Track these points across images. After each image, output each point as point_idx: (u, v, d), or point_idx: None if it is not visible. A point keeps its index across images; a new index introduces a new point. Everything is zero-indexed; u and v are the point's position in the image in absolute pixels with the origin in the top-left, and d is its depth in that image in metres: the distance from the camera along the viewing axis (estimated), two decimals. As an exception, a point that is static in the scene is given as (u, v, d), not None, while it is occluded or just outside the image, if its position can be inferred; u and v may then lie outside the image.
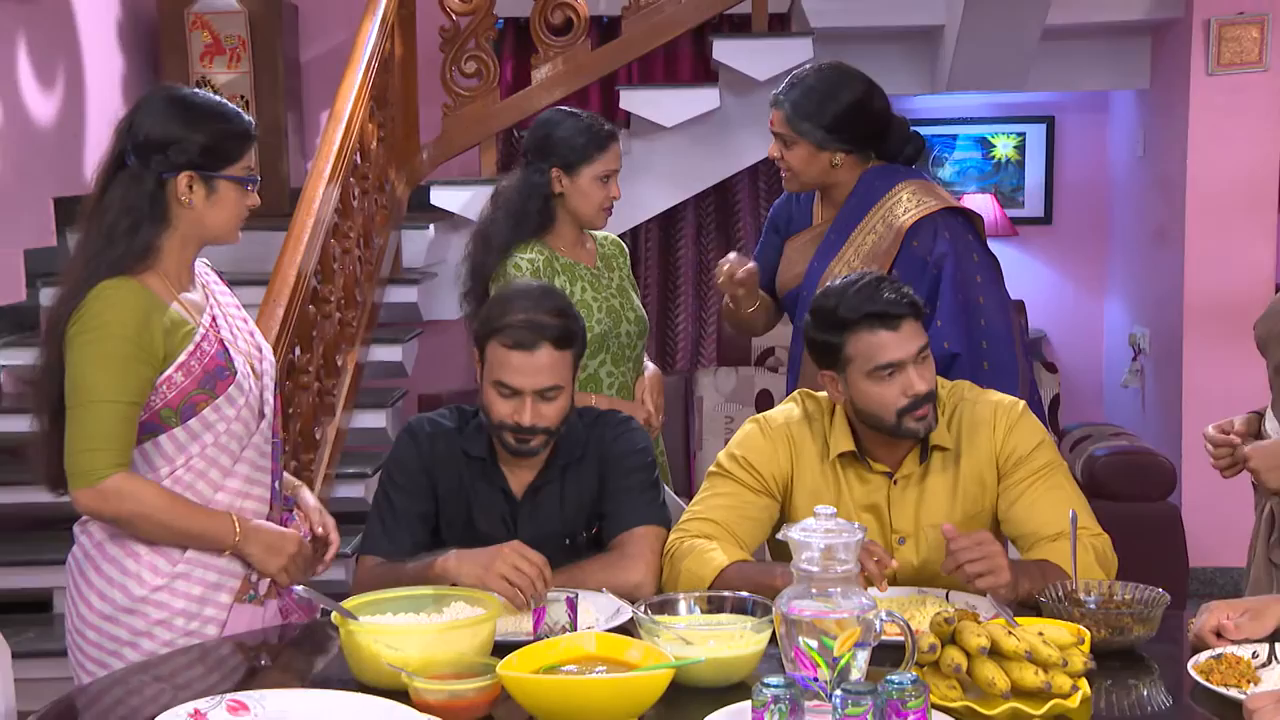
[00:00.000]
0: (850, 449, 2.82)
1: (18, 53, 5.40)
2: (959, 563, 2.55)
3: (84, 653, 2.67)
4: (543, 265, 3.49)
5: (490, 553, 2.60)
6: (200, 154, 2.62)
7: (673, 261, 6.78)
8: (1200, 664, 2.30)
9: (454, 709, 2.14)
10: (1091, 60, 6.22)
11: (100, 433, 2.55)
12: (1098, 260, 7.07)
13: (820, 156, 3.32)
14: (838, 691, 1.99)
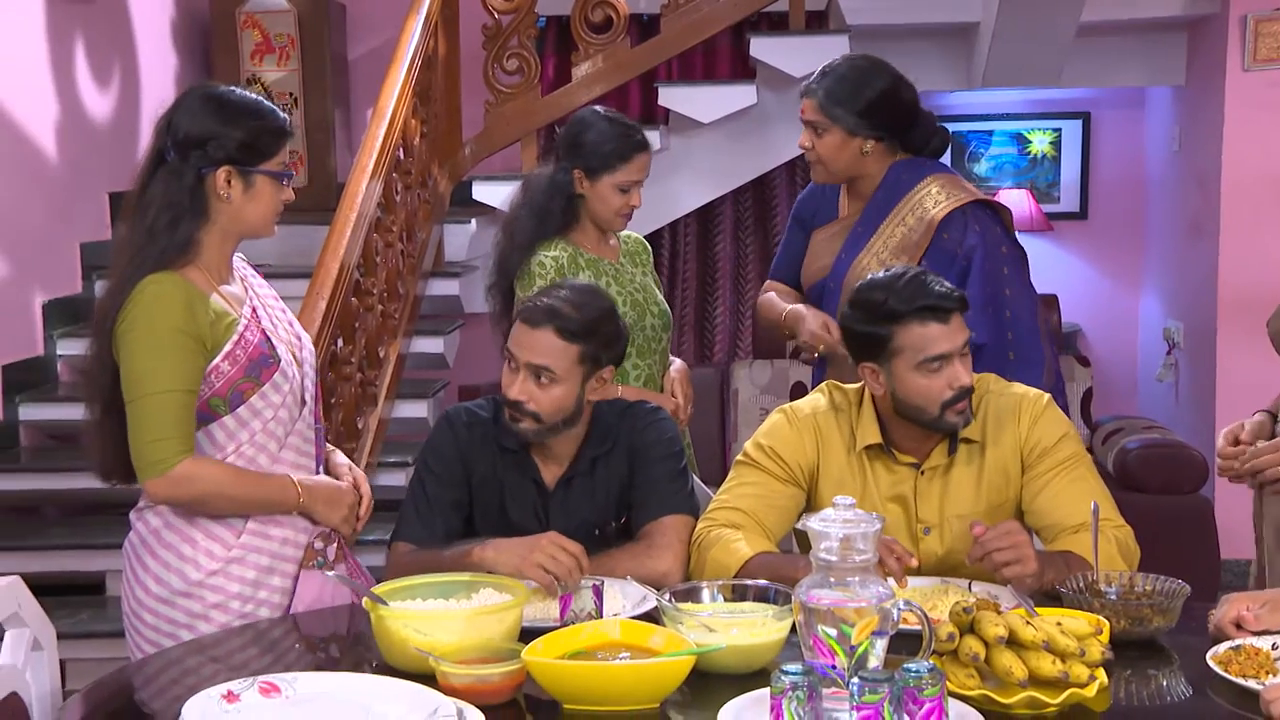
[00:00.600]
0: (877, 441, 2.81)
1: (75, 51, 5.45)
2: (987, 551, 2.54)
3: (141, 634, 2.70)
4: (566, 262, 3.48)
5: (528, 543, 2.62)
6: (238, 149, 2.64)
7: (711, 256, 6.77)
8: (1219, 655, 2.28)
9: (480, 692, 2.14)
10: (1127, 56, 6.17)
11: (164, 422, 2.58)
12: (1133, 255, 7.02)
13: (851, 144, 3.30)
14: (855, 679, 1.99)
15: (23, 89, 5.10)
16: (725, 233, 6.77)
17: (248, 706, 2.06)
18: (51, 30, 5.32)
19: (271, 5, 6.16)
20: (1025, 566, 2.52)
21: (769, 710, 2.01)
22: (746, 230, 6.82)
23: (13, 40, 5.07)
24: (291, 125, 2.78)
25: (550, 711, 2.19)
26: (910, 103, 3.38)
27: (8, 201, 4.94)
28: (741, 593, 2.48)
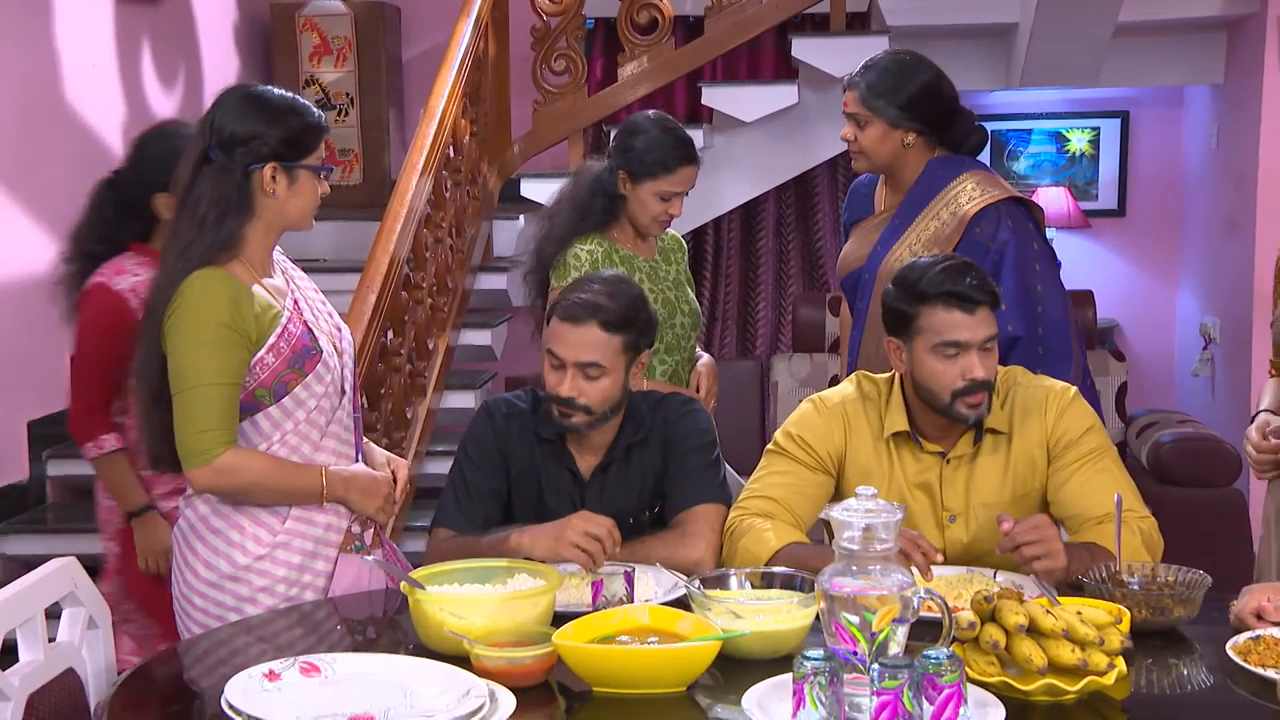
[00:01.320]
0: (904, 429, 2.81)
1: (141, 53, 5.51)
2: (1016, 545, 2.53)
3: (190, 616, 2.73)
4: (601, 257, 3.48)
5: (559, 525, 2.64)
6: (282, 146, 2.66)
7: (753, 252, 6.76)
8: (1239, 645, 2.26)
9: (512, 675, 2.15)
10: (1166, 56, 6.12)
11: (209, 413, 2.61)
12: (1170, 251, 6.96)
13: (893, 135, 3.30)
14: (875, 665, 1.99)
15: (92, 89, 5.16)
16: (768, 229, 6.76)
17: (288, 685, 2.08)
18: (120, 33, 5.38)
19: (329, 9, 6.20)
20: (1055, 560, 2.51)
21: (791, 695, 2.02)
22: (789, 227, 6.81)
23: (83, 42, 5.12)
24: (327, 121, 2.80)
25: (580, 695, 2.19)
26: (950, 98, 3.38)
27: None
28: (768, 580, 2.48)
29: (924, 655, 2.01)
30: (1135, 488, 2.80)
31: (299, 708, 2.01)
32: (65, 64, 5.05)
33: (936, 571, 2.60)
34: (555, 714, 2.16)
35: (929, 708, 1.99)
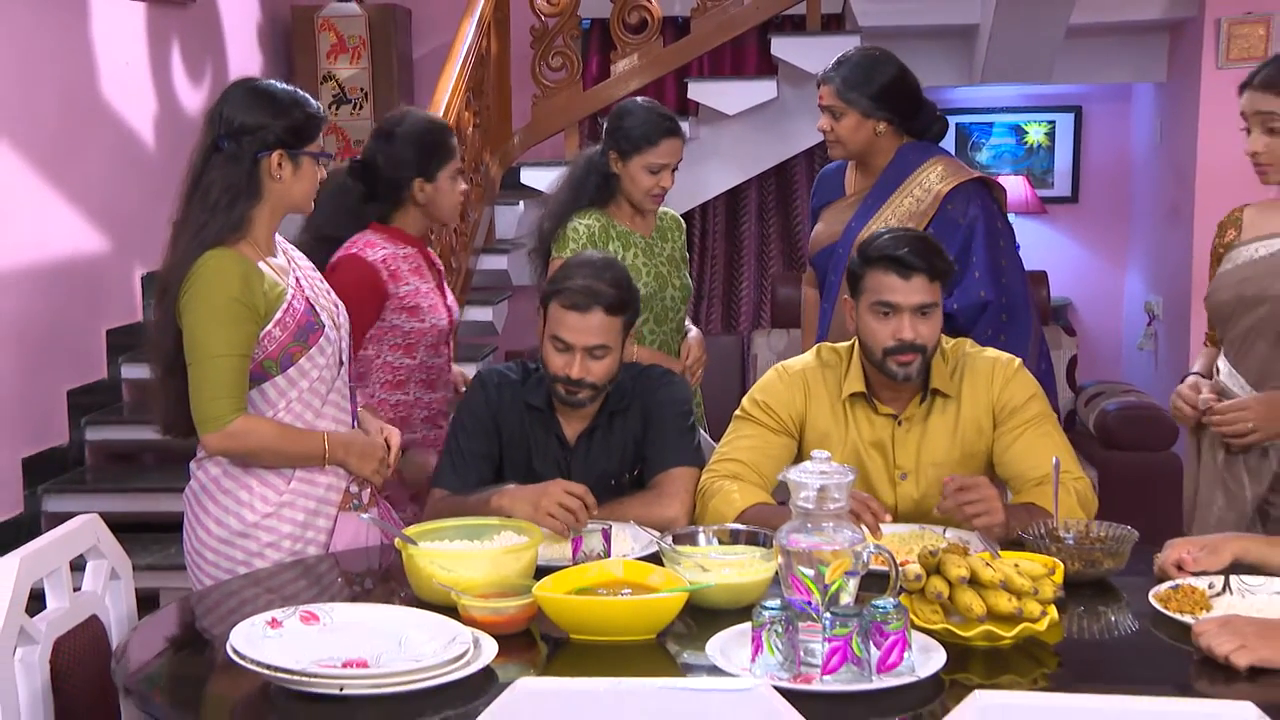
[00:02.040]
0: (860, 390, 2.81)
1: (171, 52, 5.49)
2: (959, 503, 2.53)
3: (202, 570, 2.73)
4: (598, 231, 3.46)
5: (539, 489, 2.64)
6: (287, 134, 2.66)
7: (737, 235, 6.74)
8: (1160, 593, 2.28)
9: (496, 624, 2.16)
10: (1114, 56, 6.10)
11: (221, 382, 2.61)
12: (1119, 236, 6.95)
13: (866, 125, 3.32)
14: (827, 614, 2.00)
15: (125, 86, 5.14)
16: (750, 214, 6.74)
17: (289, 632, 2.08)
18: (151, 33, 5.36)
19: (345, 10, 6.18)
20: (993, 517, 2.52)
21: (750, 641, 2.02)
22: (769, 212, 6.79)
23: (117, 42, 5.11)
24: (325, 112, 2.80)
25: (559, 642, 2.20)
26: (915, 89, 3.41)
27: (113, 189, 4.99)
28: (734, 537, 2.49)
29: (872, 605, 2.01)
30: (1073, 452, 2.80)
31: (298, 652, 2.01)
32: (101, 63, 5.03)
33: (891, 529, 2.60)
34: (536, 660, 2.16)
35: (876, 652, 1.99)
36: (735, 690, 1.65)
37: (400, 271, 3.27)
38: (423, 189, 3.32)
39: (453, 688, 1.95)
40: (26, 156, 4.62)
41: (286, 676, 1.93)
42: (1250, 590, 2.30)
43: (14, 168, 4.57)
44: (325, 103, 6.19)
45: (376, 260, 3.24)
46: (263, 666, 1.95)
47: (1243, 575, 2.34)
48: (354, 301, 3.20)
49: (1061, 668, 2.14)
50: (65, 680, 2.26)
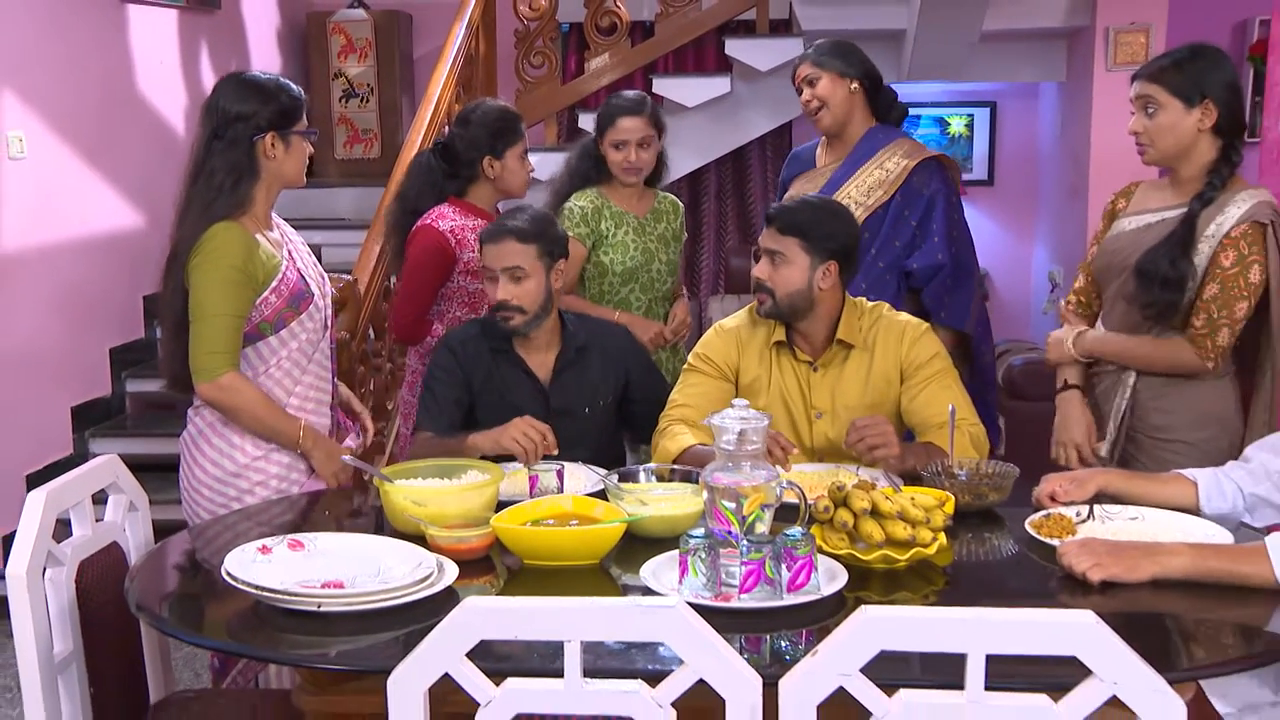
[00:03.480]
0: (782, 339, 2.80)
1: (200, 53, 5.43)
2: (860, 438, 2.52)
3: (199, 505, 2.70)
4: (591, 211, 3.42)
5: (504, 425, 2.62)
6: (276, 117, 2.62)
7: (698, 213, 6.72)
8: (1034, 521, 2.27)
9: (459, 551, 2.14)
10: (1021, 58, 6.05)
11: (218, 339, 2.57)
12: (1027, 214, 6.92)
13: (842, 83, 3.30)
14: (744, 541, 1.98)
15: (160, 83, 5.09)
16: (710, 195, 6.72)
17: (277, 558, 2.06)
18: (182, 36, 5.30)
19: (354, 16, 6.11)
20: (890, 450, 2.52)
21: (678, 565, 2.01)
22: (726, 193, 6.77)
23: (152, 44, 5.05)
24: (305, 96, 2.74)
25: (514, 567, 2.18)
26: (877, 71, 3.40)
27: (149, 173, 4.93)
28: (671, 475, 2.47)
29: (784, 533, 2.00)
30: (969, 402, 2.78)
31: (284, 575, 1.99)
32: (138, 62, 4.98)
33: (811, 467, 2.60)
34: (494, 582, 2.14)
35: (786, 574, 1.98)
36: (656, 607, 1.63)
37: (467, 240, 3.27)
38: (492, 165, 3.33)
39: (417, 606, 1.94)
40: (73, 145, 4.58)
41: (272, 595, 1.92)
42: (1110, 517, 2.30)
43: (62, 154, 4.53)
44: (336, 96, 6.13)
45: (445, 230, 3.27)
46: (252, 587, 1.93)
47: (1105, 505, 2.34)
48: (426, 264, 3.27)
49: (949, 585, 2.13)
50: (88, 598, 2.25)
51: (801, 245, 2.70)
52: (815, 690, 1.59)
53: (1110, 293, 2.87)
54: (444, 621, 1.62)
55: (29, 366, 4.40)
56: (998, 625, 1.58)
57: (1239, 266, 2.63)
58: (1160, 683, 1.55)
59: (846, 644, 1.58)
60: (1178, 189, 2.77)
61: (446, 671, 1.63)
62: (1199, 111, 2.66)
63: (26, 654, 2.10)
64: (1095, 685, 1.56)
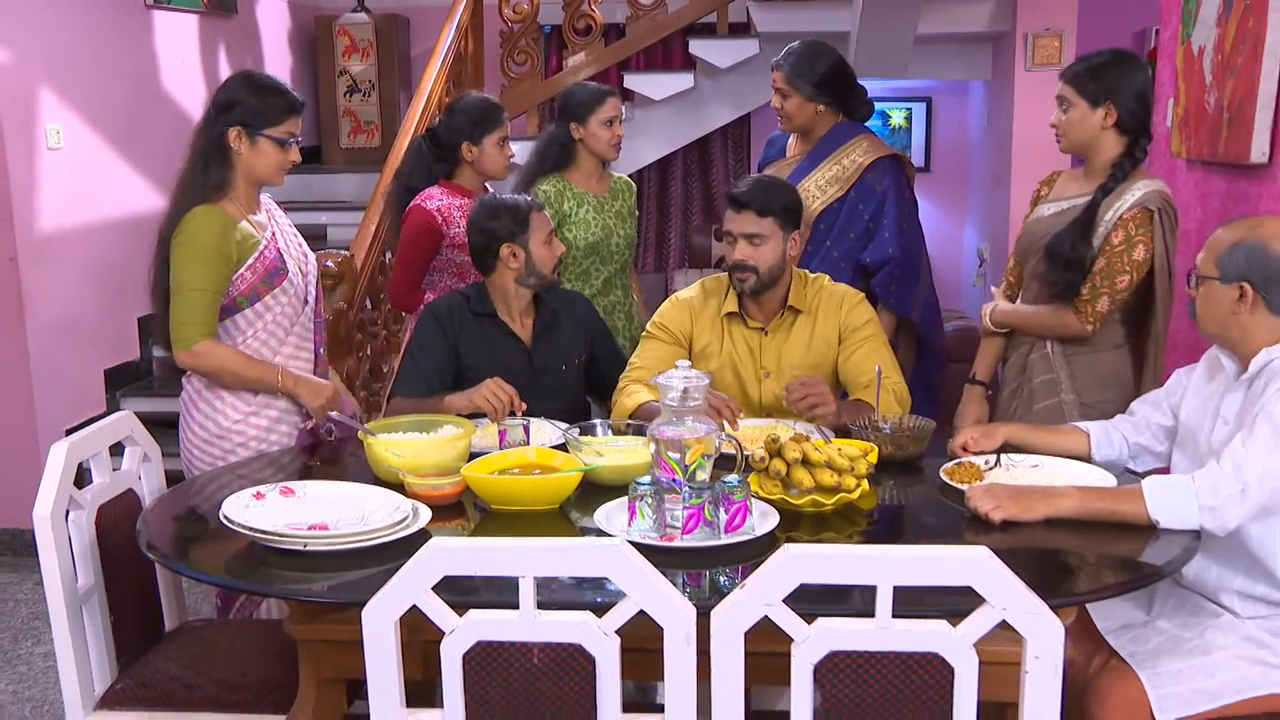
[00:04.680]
0: (734, 310, 2.77)
1: (219, 53, 5.36)
2: (802, 396, 2.51)
3: (195, 461, 2.66)
4: (554, 194, 3.38)
5: (476, 386, 2.58)
6: (248, 115, 2.54)
7: (666, 195, 6.68)
8: (948, 469, 2.27)
9: (433, 497, 2.13)
10: (953, 58, 6.00)
11: (193, 311, 2.52)
12: (959, 197, 6.91)
13: (808, 105, 3.24)
14: (687, 487, 1.97)
15: (182, 80, 5.02)
16: (677, 179, 6.68)
17: (270, 503, 2.04)
18: (202, 38, 5.23)
19: (357, 19, 6.02)
20: (826, 407, 2.50)
21: (627, 509, 2.00)
22: (692, 177, 6.73)
23: (175, 45, 4.98)
24: (299, 105, 2.62)
25: (484, 511, 2.16)
26: (850, 75, 3.32)
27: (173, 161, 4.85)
28: (626, 429, 2.45)
29: (722, 480, 1.99)
30: (896, 363, 2.78)
31: (275, 518, 1.98)
32: (162, 62, 4.91)
33: (754, 422, 2.58)
34: (465, 525, 2.12)
35: (724, 517, 1.97)
36: (600, 545, 1.62)
37: (453, 217, 3.23)
38: (470, 150, 3.29)
39: (394, 546, 1.92)
40: (104, 136, 4.53)
41: (262, 536, 1.90)
42: (1014, 465, 2.30)
43: (94, 144, 4.48)
44: (341, 91, 6.05)
45: (433, 209, 3.24)
46: (245, 529, 1.92)
47: (1010, 454, 2.34)
48: (416, 239, 3.24)
49: (871, 526, 2.13)
50: (107, 538, 2.24)
51: (776, 222, 2.68)
52: (743, 619, 1.58)
53: (1028, 272, 2.87)
54: (412, 559, 1.61)
55: (67, 333, 4.36)
56: (902, 560, 1.58)
57: (1125, 244, 2.64)
58: (1042, 607, 1.55)
59: (770, 578, 1.58)
60: (1089, 179, 2.78)
61: (415, 603, 1.63)
62: (1102, 111, 2.68)
63: (53, 585, 2.11)
64: (987, 611, 1.57)
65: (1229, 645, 2.03)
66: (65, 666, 2.14)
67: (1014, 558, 1.88)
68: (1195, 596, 2.18)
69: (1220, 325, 2.10)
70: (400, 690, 1.66)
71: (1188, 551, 1.94)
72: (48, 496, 2.09)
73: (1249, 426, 1.98)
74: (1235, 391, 2.11)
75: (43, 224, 4.23)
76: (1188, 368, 2.31)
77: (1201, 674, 2.01)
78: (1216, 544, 2.09)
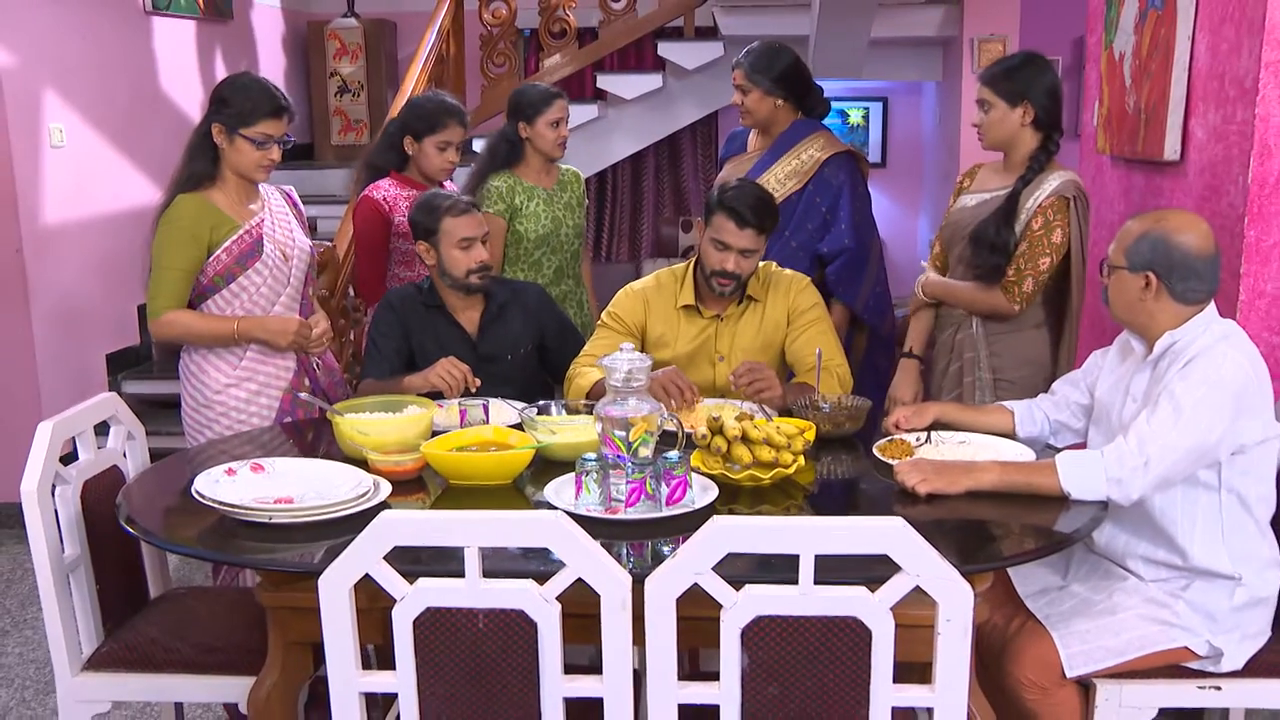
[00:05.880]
0: (691, 302, 2.75)
1: (216, 56, 5.30)
2: (749, 382, 2.50)
3: (190, 428, 2.68)
4: (506, 189, 3.34)
5: (431, 365, 2.58)
6: (230, 115, 2.53)
7: (639, 189, 6.65)
8: (880, 445, 2.27)
9: (395, 473, 2.11)
10: (906, 62, 5.98)
11: (164, 285, 2.55)
12: (914, 191, 6.90)
13: (767, 100, 3.20)
14: (629, 463, 1.96)
15: (180, 82, 4.97)
16: (649, 173, 6.65)
17: (241, 478, 2.03)
18: (200, 42, 5.17)
19: (347, 24, 5.97)
20: (772, 391, 2.49)
21: (574, 484, 1.99)
22: (664, 171, 6.70)
23: (174, 49, 4.93)
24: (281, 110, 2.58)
25: (443, 486, 2.15)
26: (806, 74, 3.28)
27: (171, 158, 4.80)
28: (577, 410, 2.44)
29: (663, 456, 1.98)
30: (840, 345, 2.76)
31: (243, 492, 1.97)
32: (161, 65, 4.87)
33: (708, 402, 2.56)
34: (425, 499, 2.11)
35: (665, 490, 1.97)
36: (539, 518, 1.61)
37: (399, 207, 3.18)
38: (412, 146, 3.23)
39: (354, 518, 1.91)
40: (105, 135, 4.49)
41: (229, 509, 1.89)
42: (942, 441, 2.30)
43: (96, 142, 4.45)
44: (331, 92, 6.00)
45: (379, 198, 3.19)
46: (215, 503, 1.91)
47: (940, 431, 2.34)
48: (366, 228, 3.19)
49: (807, 500, 2.12)
50: (91, 511, 2.22)
51: (766, 238, 2.67)
52: (674, 586, 1.58)
53: (953, 257, 2.88)
54: (364, 531, 1.60)
55: (70, 320, 4.33)
56: (823, 530, 1.58)
57: (1044, 229, 2.66)
58: (953, 573, 1.55)
59: (700, 547, 1.57)
60: (1008, 172, 2.80)
61: (367, 572, 1.62)
62: (1021, 110, 2.69)
63: (40, 555, 2.09)
64: (902, 578, 1.57)
65: (1133, 606, 2.05)
66: (53, 631, 2.13)
67: (938, 527, 1.90)
68: (1106, 562, 2.19)
69: (1129, 311, 2.10)
70: (355, 653, 1.65)
71: (1094, 520, 1.95)
72: (34, 472, 2.08)
73: (1153, 404, 1.99)
74: (1143, 372, 2.12)
75: (47, 218, 4.20)
76: (1103, 349, 2.32)
77: (1108, 633, 2.02)
78: (1124, 514, 2.10)
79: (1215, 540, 2.03)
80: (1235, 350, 1.98)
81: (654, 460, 1.96)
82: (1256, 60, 2.30)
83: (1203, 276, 2.01)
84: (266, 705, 1.92)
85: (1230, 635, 2.03)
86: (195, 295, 2.60)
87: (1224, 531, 2.03)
